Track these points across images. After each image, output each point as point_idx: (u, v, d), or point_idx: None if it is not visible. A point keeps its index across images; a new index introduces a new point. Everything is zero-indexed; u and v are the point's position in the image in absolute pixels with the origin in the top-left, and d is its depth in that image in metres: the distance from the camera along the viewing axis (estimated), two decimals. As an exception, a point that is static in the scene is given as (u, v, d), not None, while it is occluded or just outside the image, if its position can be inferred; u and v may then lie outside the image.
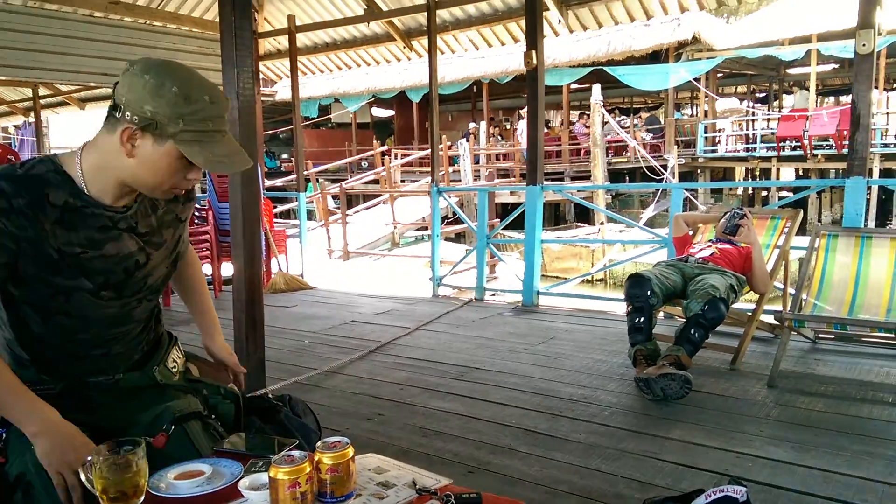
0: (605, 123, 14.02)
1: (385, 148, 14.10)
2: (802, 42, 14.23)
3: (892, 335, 3.62)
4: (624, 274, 5.29)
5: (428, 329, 4.83)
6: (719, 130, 17.43)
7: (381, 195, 11.96)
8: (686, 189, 10.94)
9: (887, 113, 17.11)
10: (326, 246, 10.38)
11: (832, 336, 4.15)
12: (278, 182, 16.54)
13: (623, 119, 19.07)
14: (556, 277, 9.92)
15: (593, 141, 12.20)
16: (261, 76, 8.97)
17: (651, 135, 16.91)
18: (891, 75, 17.82)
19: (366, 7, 6.24)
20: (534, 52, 5.11)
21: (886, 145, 14.36)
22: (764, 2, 11.27)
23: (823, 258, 4.05)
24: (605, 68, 15.49)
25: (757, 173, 17.27)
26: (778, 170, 16.34)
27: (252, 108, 3.22)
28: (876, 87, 14.73)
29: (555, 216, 16.67)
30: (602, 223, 11.29)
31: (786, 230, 4.26)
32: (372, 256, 9.83)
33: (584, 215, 15.68)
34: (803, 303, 3.83)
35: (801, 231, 4.68)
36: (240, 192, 3.29)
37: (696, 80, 15.33)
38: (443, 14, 6.35)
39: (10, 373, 1.28)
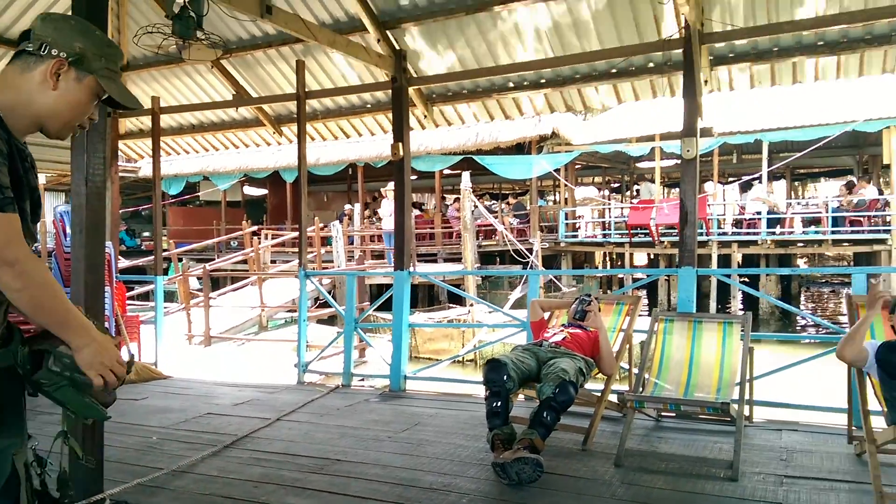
0: (475, 208, 14.64)
1: (255, 228, 13.82)
2: (648, 140, 15.83)
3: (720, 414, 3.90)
4: (493, 354, 5.46)
5: (290, 419, 4.67)
6: (579, 217, 18.72)
7: (249, 277, 11.65)
8: (547, 274, 11.51)
9: (724, 203, 19.17)
10: (187, 331, 9.86)
11: (673, 414, 4.46)
12: (140, 262, 15.68)
13: (493, 204, 20.00)
14: (429, 359, 9.98)
15: (463, 225, 12.68)
16: (122, 154, 8.62)
17: (518, 220, 17.83)
18: (724, 170, 20.03)
19: (234, 93, 6.27)
20: (400, 144, 5.34)
21: (724, 233, 15.99)
22: (606, 107, 12.49)
23: (662, 341, 4.41)
24: (475, 157, 16.38)
25: (613, 257, 18.60)
26: (631, 254, 17.70)
27: (101, 194, 3.10)
28: (715, 181, 16.53)
29: (429, 296, 16.92)
30: (472, 305, 11.59)
31: (629, 315, 4.61)
32: (236, 341, 9.44)
33: (457, 296, 16.05)
34: (646, 383, 4.13)
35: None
36: (83, 278, 3.10)
37: (556, 170, 16.50)
38: (313, 103, 6.50)
39: (63, 291, 1.36)
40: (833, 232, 14.38)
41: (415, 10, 5.22)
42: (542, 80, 5.70)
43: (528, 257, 13.89)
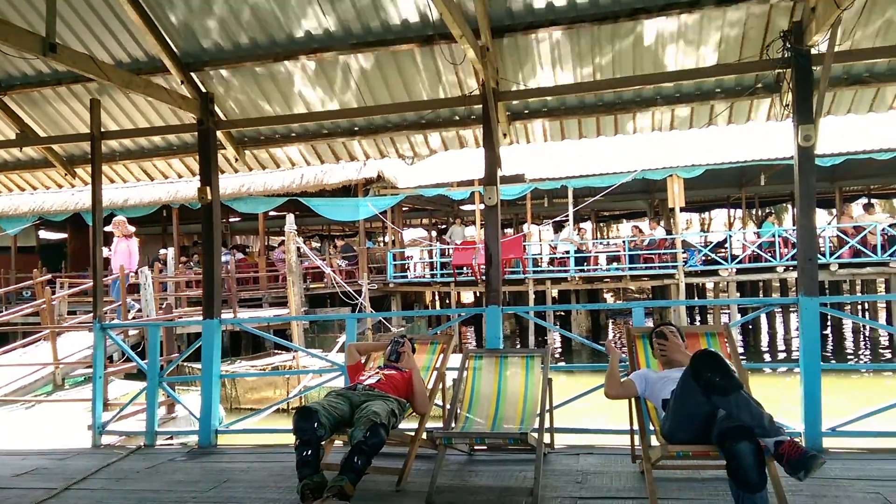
0: (300, 251, 14.42)
1: (49, 276, 12.47)
2: (468, 185, 16.67)
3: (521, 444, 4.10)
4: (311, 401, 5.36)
5: (80, 488, 4.23)
6: (408, 258, 19.11)
7: (41, 330, 10.46)
8: (374, 316, 11.51)
9: (539, 243, 20.54)
10: (-37, 395, 8.58)
11: (485, 447, 4.66)
12: None
13: (321, 246, 19.83)
14: (251, 409, 9.54)
15: (288, 268, 12.42)
16: None
17: (346, 261, 17.81)
18: (538, 213, 21.54)
19: (19, 132, 5.71)
20: (208, 188, 5.17)
21: (541, 271, 17.13)
22: (426, 156, 13.03)
23: (472, 377, 4.62)
24: (301, 199, 16.19)
25: (441, 296, 19.15)
26: (458, 293, 18.36)
27: None
28: (529, 222, 17.66)
29: (254, 343, 16.24)
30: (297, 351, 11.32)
31: (442, 353, 4.79)
32: (24, 403, 8.39)
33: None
34: (458, 418, 4.29)
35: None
36: None
37: (383, 213, 16.78)
38: (113, 144, 6.10)
39: None
40: (630, 268, 16.00)
41: (220, 53, 5.14)
42: (356, 128, 5.84)
43: (357, 299, 13.89)
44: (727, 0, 4.52)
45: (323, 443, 3.78)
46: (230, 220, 22.45)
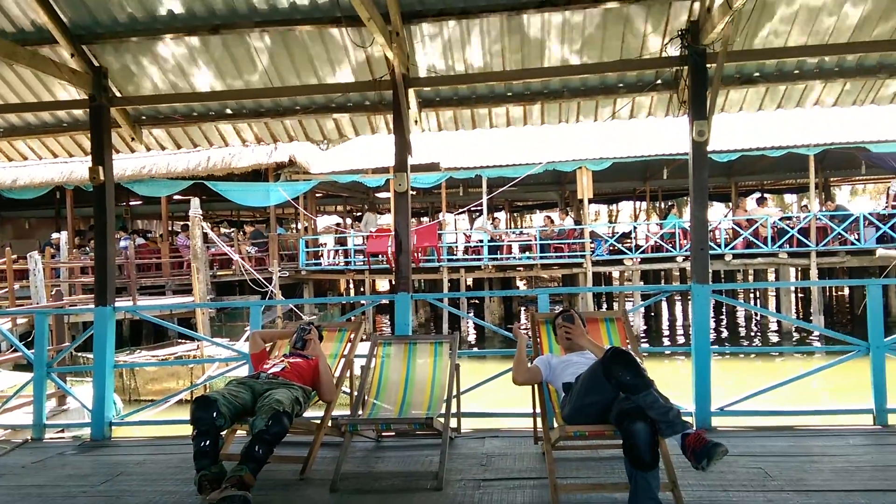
0: (206, 236, 13.91)
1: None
2: (384, 172, 16.55)
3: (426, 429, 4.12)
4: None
5: (-45, 487, 3.94)
6: (322, 245, 18.80)
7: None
8: (284, 304, 11.28)
9: (455, 232, 20.67)
10: None
11: (393, 434, 4.66)
12: None
13: (231, 232, 19.20)
14: (152, 401, 9.15)
15: (194, 254, 11.94)
16: None
17: (256, 248, 17.34)
18: (453, 202, 21.69)
19: None
20: (100, 167, 4.88)
21: (456, 259, 17.27)
22: (336, 140, 12.85)
23: (381, 364, 4.61)
24: (207, 183, 15.60)
25: (356, 284, 18.97)
26: (373, 281, 18.24)
27: None
28: (443, 210, 17.74)
29: (156, 333, 15.57)
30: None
31: (350, 341, 4.75)
32: None
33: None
34: (365, 405, 4.27)
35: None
36: None
37: (295, 199, 16.42)
38: (-6, 118, 5.65)
39: None
40: (542, 257, 16.40)
41: (115, 25, 4.84)
42: (262, 110, 5.67)
43: (267, 286, 13.56)
44: (629, -3, 4.68)
45: (223, 433, 3.68)
46: (130, 203, 21.36)
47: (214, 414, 3.47)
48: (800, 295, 20.42)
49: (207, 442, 3.43)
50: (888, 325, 15.15)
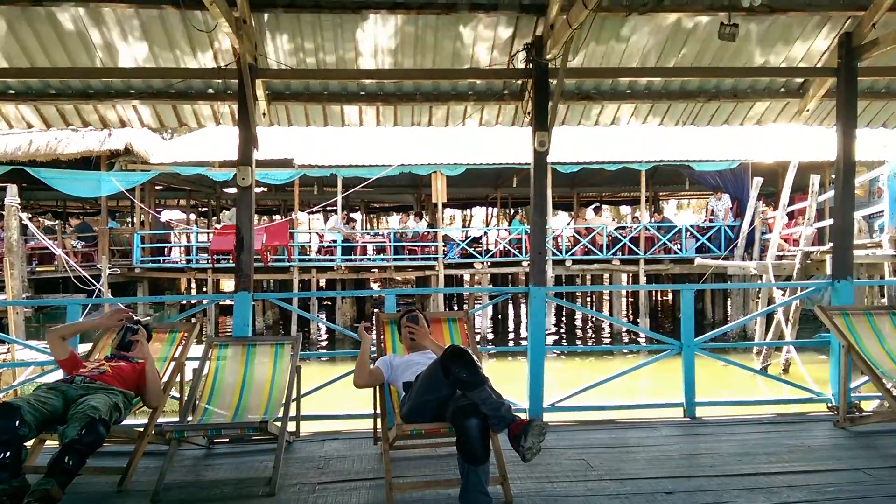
0: (25, 228, 12.54)
1: None
2: (232, 166, 15.81)
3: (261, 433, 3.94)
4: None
5: None
6: (160, 240, 17.61)
7: None
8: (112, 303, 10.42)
9: (308, 231, 20.20)
10: None
11: (226, 440, 4.44)
12: None
13: (55, 224, 17.46)
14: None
15: (8, 247, 10.70)
16: None
17: (83, 242, 15.89)
18: (308, 200, 21.21)
19: None
20: None
21: (309, 259, 16.90)
22: (182, 129, 12.18)
23: (215, 366, 4.39)
24: (28, 169, 14.08)
25: (198, 283, 17.95)
26: (217, 280, 17.37)
27: None
28: (296, 209, 17.28)
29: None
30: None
31: (182, 343, 4.47)
32: None
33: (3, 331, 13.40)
34: (195, 410, 4.03)
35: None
36: None
37: (130, 190, 15.26)
38: None
39: None
40: (396, 259, 16.48)
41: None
42: (91, 91, 5.20)
43: (95, 284, 12.47)
44: (481, 7, 4.81)
45: (29, 443, 3.32)
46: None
47: (16, 423, 3.12)
48: (630, 299, 22.17)
49: (7, 453, 3.06)
50: (704, 327, 16.87)
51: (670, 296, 22.85)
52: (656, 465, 3.83)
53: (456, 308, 22.26)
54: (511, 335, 18.95)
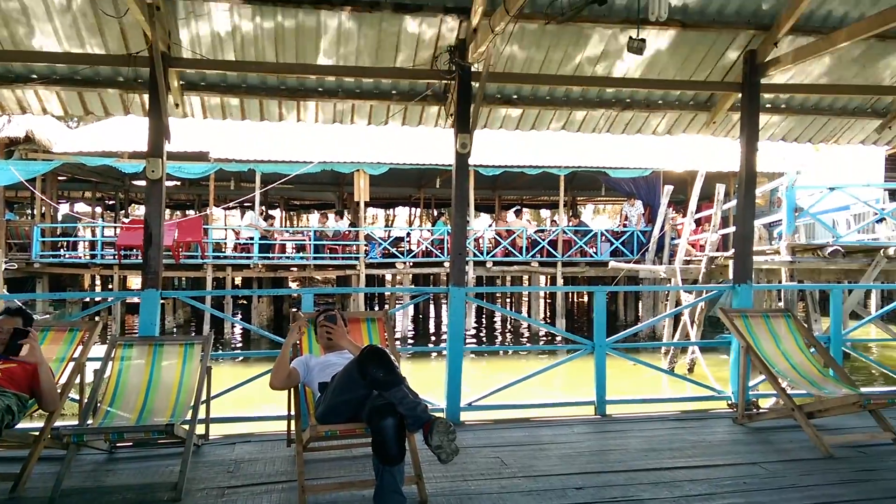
0: None
1: None
2: (142, 157, 15.12)
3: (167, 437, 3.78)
4: None
5: None
6: (63, 234, 16.65)
7: None
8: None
9: (223, 227, 19.59)
10: None
11: (130, 443, 4.24)
12: None
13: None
14: None
15: None
16: None
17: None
18: (224, 196, 20.56)
19: None
20: None
21: (225, 256, 16.38)
22: (88, 117, 11.55)
23: (119, 367, 4.18)
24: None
25: (104, 280, 17.07)
26: (124, 277, 16.56)
27: None
28: (211, 204, 16.73)
29: None
30: None
31: (83, 342, 4.23)
32: None
33: None
34: (96, 413, 3.83)
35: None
36: None
37: (31, 181, 14.34)
38: None
39: None
40: (315, 258, 16.22)
41: None
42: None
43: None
44: (405, 7, 4.80)
45: None
46: None
47: None
48: (548, 300, 22.69)
49: None
50: (617, 328, 17.48)
51: (586, 297, 23.54)
52: (568, 461, 3.94)
53: (377, 308, 22.14)
54: (432, 335, 19.02)
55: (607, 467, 3.83)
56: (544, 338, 18.01)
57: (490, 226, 20.66)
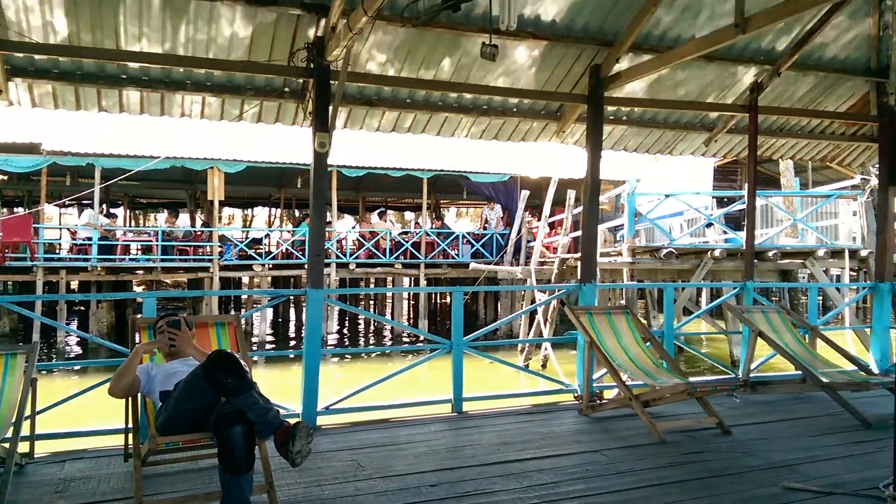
0: None
1: None
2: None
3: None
4: None
5: None
6: None
7: None
8: None
9: (57, 227, 17.86)
10: None
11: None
12: None
13: None
14: None
15: None
16: None
17: None
18: (58, 192, 18.77)
19: None
20: None
21: (59, 258, 14.97)
22: None
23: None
24: None
25: None
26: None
27: None
28: (42, 201, 15.23)
29: None
30: None
31: None
32: None
33: None
34: None
35: None
36: None
37: None
38: None
39: None
40: (164, 260, 15.25)
41: None
42: None
43: None
44: (259, 1, 4.64)
45: None
46: None
47: None
48: (412, 301, 22.87)
49: None
50: (478, 327, 17.95)
51: (448, 298, 24.01)
52: (424, 459, 3.98)
53: (234, 312, 21.21)
54: (293, 340, 18.54)
55: (461, 463, 3.92)
56: (408, 339, 18.14)
57: (354, 227, 20.50)
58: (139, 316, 4.23)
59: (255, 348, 15.95)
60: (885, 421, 4.78)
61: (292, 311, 22.58)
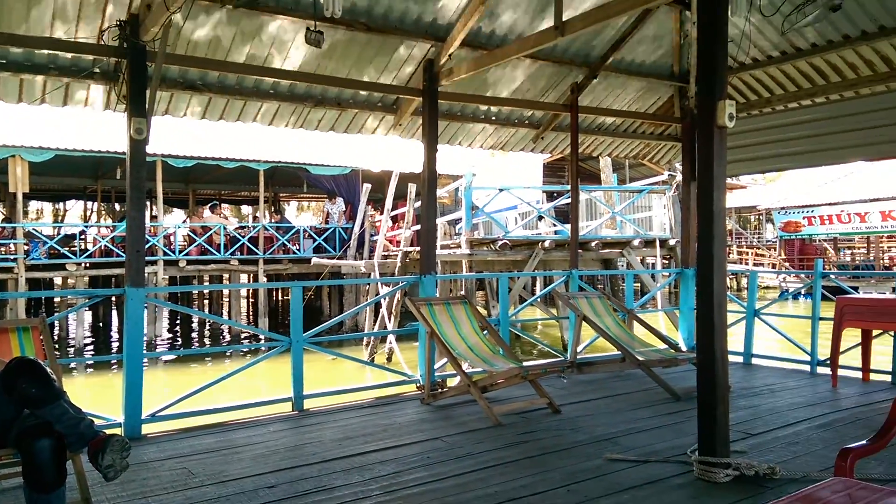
0: None
1: None
2: None
3: None
4: None
5: None
6: None
7: None
8: None
9: None
10: None
11: None
12: None
13: None
14: None
15: None
16: None
17: None
18: None
19: None
20: None
21: None
22: None
23: None
24: None
25: None
26: None
27: None
28: None
29: None
30: None
31: None
32: None
33: None
34: None
35: None
36: None
37: None
38: None
39: None
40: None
41: None
42: None
43: None
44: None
45: None
46: None
47: None
48: (251, 299, 21.97)
49: None
50: (321, 322, 17.63)
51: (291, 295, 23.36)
52: (261, 461, 3.83)
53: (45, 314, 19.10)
54: (115, 344, 17.08)
55: (302, 461, 3.81)
56: (249, 339, 17.41)
57: (184, 222, 19.27)
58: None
59: (72, 354, 14.50)
60: (691, 393, 5.33)
61: (114, 315, 20.81)
